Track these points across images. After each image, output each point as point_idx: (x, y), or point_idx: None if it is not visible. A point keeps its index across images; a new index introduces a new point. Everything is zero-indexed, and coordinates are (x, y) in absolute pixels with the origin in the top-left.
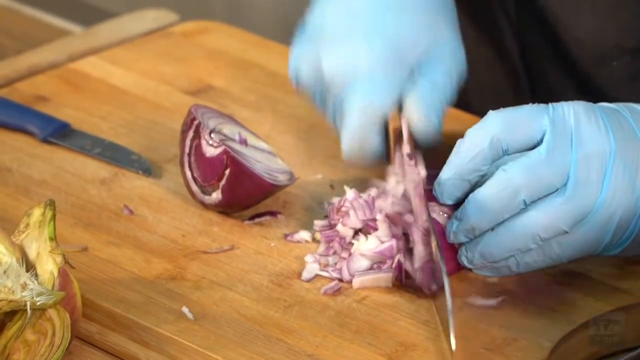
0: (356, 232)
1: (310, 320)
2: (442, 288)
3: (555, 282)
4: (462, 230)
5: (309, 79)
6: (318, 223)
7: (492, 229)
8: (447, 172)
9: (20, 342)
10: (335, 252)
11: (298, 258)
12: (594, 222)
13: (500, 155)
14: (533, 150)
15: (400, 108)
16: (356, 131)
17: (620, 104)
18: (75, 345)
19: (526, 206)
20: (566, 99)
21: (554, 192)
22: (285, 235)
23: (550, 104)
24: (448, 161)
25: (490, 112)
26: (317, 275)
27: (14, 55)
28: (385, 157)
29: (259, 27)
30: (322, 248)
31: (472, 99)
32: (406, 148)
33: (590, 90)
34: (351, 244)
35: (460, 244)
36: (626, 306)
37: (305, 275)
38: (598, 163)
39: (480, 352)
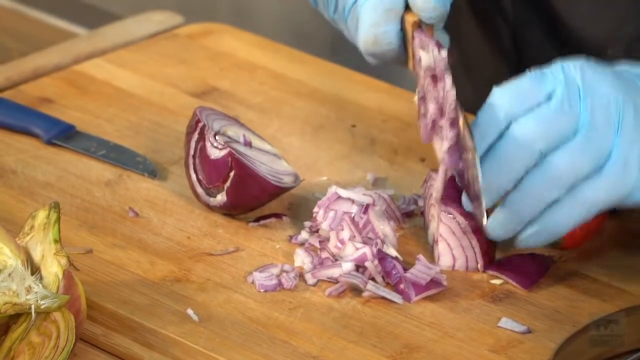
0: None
1: (315, 322)
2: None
3: (560, 284)
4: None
5: None
6: (307, 224)
7: (515, 186)
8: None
9: (25, 344)
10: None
11: None
12: (614, 162)
13: None
14: (542, 105)
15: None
16: (371, 27)
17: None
18: (80, 347)
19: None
20: None
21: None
22: (290, 237)
23: (546, 68)
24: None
25: (495, 89)
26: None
27: (19, 57)
28: (403, 52)
29: (264, 29)
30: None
31: (467, 91)
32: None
33: None
34: (337, 247)
35: (487, 215)
36: (627, 308)
37: (309, 279)
38: (608, 108)
39: (485, 354)
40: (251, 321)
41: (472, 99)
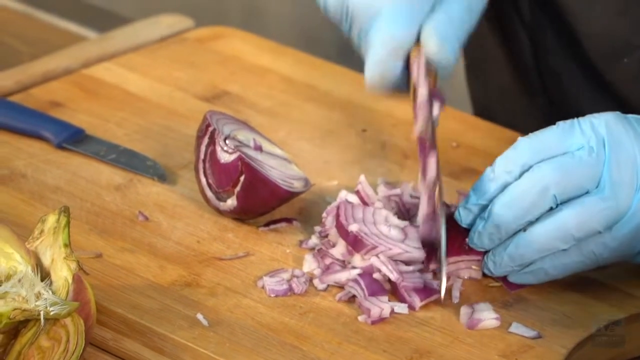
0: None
1: (325, 327)
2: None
3: (570, 289)
4: (487, 230)
5: (335, 9)
6: (317, 229)
7: (524, 229)
8: (475, 199)
9: (35, 349)
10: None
11: None
12: (630, 224)
13: None
14: (565, 154)
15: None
16: (378, 63)
17: None
18: (90, 351)
19: (557, 205)
20: (578, 97)
21: (585, 193)
22: (301, 242)
23: (577, 120)
24: (475, 187)
25: (520, 139)
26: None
27: (29, 61)
28: (405, 87)
29: (274, 32)
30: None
31: (484, 98)
32: (422, 75)
33: (602, 86)
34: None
35: (485, 253)
36: (629, 316)
37: (317, 284)
38: (631, 167)
39: (495, 359)
40: (261, 326)
41: (483, 101)
